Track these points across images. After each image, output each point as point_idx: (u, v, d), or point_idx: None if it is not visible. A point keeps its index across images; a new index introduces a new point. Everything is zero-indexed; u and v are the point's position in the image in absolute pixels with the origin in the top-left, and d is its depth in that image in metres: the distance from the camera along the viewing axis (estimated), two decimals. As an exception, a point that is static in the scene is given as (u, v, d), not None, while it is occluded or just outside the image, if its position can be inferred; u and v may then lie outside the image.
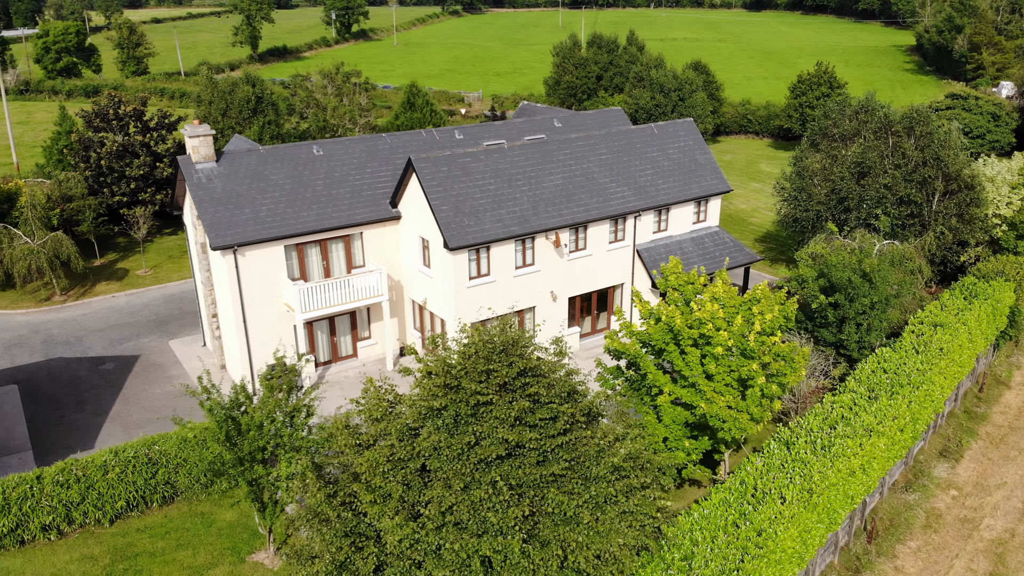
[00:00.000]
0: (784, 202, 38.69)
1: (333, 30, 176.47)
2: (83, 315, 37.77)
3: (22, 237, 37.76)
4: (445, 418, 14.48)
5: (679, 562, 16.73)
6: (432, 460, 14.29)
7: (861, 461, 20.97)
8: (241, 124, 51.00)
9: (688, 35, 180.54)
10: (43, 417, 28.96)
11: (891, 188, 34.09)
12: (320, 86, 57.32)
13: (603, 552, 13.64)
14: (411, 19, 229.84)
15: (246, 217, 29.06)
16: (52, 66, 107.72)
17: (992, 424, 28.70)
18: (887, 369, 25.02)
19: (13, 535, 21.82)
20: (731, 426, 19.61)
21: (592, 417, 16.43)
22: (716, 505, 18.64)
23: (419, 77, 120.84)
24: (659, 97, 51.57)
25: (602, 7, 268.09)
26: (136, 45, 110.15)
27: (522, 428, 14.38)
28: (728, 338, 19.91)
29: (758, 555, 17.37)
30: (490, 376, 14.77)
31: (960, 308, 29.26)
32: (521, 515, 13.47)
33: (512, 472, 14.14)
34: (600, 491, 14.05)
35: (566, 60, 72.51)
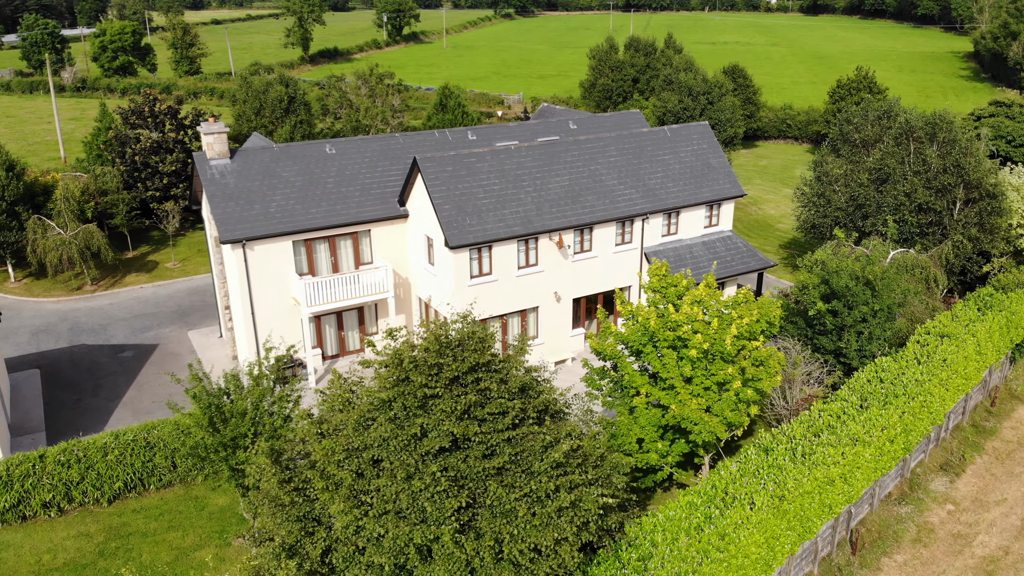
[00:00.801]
0: (803, 208, 38.16)
1: (384, 33, 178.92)
2: (110, 304, 39.21)
3: (55, 228, 39.35)
4: (395, 409, 14.81)
5: (635, 562, 16.78)
6: (380, 450, 14.63)
7: (842, 470, 20.66)
8: (274, 123, 52.25)
9: (740, 39, 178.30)
10: (60, 400, 30.20)
11: (910, 195, 33.37)
12: (354, 87, 58.33)
13: (540, 545, 13.79)
14: (462, 22, 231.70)
15: (256, 212, 29.88)
16: (108, 64, 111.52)
17: (1001, 439, 27.89)
18: (883, 379, 24.56)
19: (15, 510, 22.87)
20: (701, 429, 19.53)
21: (551, 415, 16.58)
22: (682, 507, 18.61)
23: (464, 79, 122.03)
24: (687, 100, 51.21)
25: (656, 10, 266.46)
26: (189, 45, 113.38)
27: (469, 422, 14.62)
28: (703, 341, 19.83)
29: (718, 559, 17.31)
30: (441, 370, 15.05)
31: (971, 319, 28.52)
32: (457, 506, 13.72)
33: (457, 464, 14.40)
34: (540, 486, 14.21)
35: (602, 63, 72.41)
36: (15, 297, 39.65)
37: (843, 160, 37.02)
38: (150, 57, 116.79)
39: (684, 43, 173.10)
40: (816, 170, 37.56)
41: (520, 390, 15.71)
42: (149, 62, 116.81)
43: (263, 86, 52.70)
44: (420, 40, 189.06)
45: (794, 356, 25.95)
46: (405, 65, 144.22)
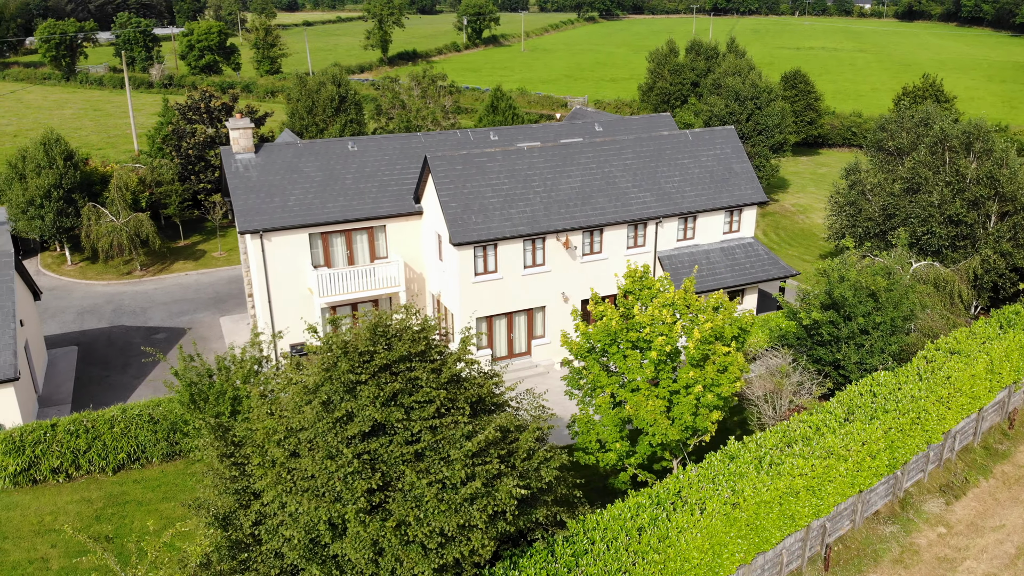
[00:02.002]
0: (834, 216, 37.18)
1: (464, 36, 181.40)
2: (154, 289, 41.41)
3: (108, 216, 41.82)
4: (325, 394, 15.43)
5: (568, 557, 16.96)
6: (309, 432, 15.29)
7: (808, 482, 20.22)
8: (325, 122, 54.01)
9: (827, 44, 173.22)
10: (91, 376, 32.18)
11: (939, 206, 32.15)
12: (406, 88, 59.66)
13: (445, 529, 14.17)
14: (544, 25, 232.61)
15: (275, 205, 31.15)
16: (195, 63, 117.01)
17: (1013, 463, 26.63)
18: (877, 393, 23.85)
19: (26, 474, 24.61)
20: (655, 430, 19.48)
21: (489, 408, 16.91)
22: (630, 508, 18.63)
23: (534, 82, 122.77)
24: (733, 105, 50.37)
25: (743, 14, 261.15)
26: (271, 46, 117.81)
27: (394, 408, 15.11)
28: (665, 343, 19.78)
29: (654, 561, 17.29)
30: (373, 357, 15.59)
31: (989, 337, 27.34)
32: (367, 487, 14.23)
33: (375, 448, 14.92)
34: (453, 473, 14.58)
35: (661, 66, 71.73)
36: (69, 279, 42.34)
37: (876, 168, 35.89)
38: (235, 56, 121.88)
39: (767, 48, 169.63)
40: (848, 178, 36.52)
41: (452, 381, 16.09)
42: (234, 61, 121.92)
43: (316, 85, 54.52)
44: (500, 43, 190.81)
45: (781, 365, 25.43)
46: (480, 68, 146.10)
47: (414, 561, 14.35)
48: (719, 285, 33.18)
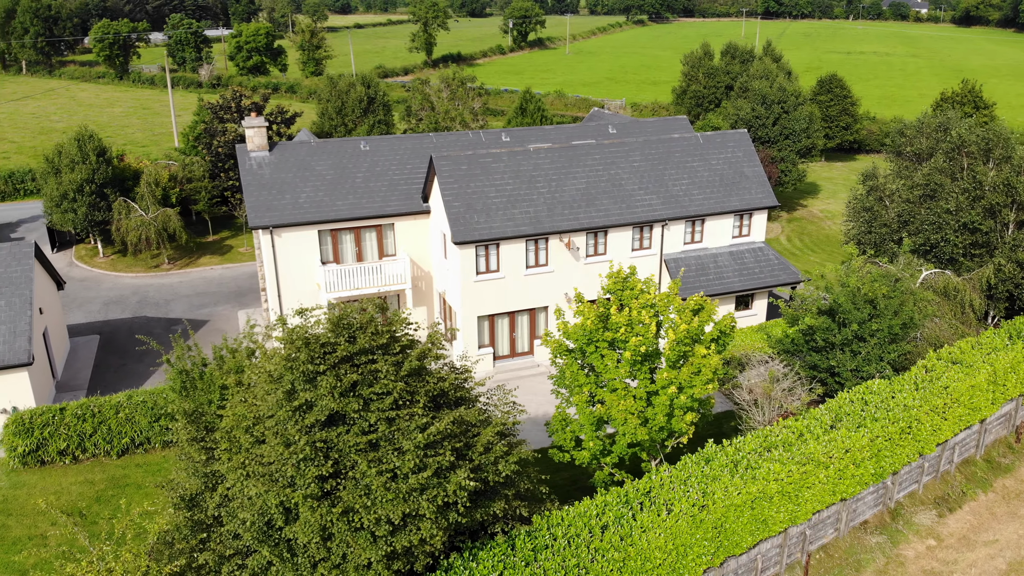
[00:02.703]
0: (850, 222, 36.62)
1: (509, 38, 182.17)
2: (179, 282, 42.70)
3: (137, 210, 43.26)
4: (284, 384, 15.90)
5: (527, 551, 17.18)
6: (270, 421, 15.79)
7: (784, 487, 20.07)
8: (354, 122, 54.97)
9: (879, 49, 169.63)
10: (109, 364, 33.39)
11: (954, 213, 31.47)
12: (436, 90, 60.35)
13: (392, 517, 14.51)
14: (592, 28, 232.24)
15: (286, 202, 31.94)
16: (243, 64, 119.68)
17: (1015, 478, 25.94)
18: (868, 401, 23.51)
19: (35, 455, 25.71)
20: (625, 430, 19.55)
21: (452, 402, 17.20)
22: (597, 505, 18.74)
23: (575, 84, 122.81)
24: (759, 109, 49.84)
25: (795, 18, 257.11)
26: (316, 48, 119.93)
27: (351, 399, 15.51)
28: (640, 344, 19.84)
29: (613, 559, 17.40)
30: (335, 349, 16.02)
31: (995, 348, 26.70)
32: (317, 473, 14.66)
33: (331, 437, 15.34)
34: (403, 463, 14.92)
35: (695, 69, 71.31)
36: (99, 271, 43.89)
37: (894, 174, 35.26)
38: (282, 58, 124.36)
39: (816, 52, 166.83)
40: (866, 183, 35.94)
41: (413, 374, 16.44)
42: (281, 62, 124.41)
43: (346, 87, 55.53)
44: (545, 46, 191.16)
45: (770, 370, 25.20)
46: (523, 70, 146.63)
47: (362, 548, 14.73)
48: (726, 289, 32.98)
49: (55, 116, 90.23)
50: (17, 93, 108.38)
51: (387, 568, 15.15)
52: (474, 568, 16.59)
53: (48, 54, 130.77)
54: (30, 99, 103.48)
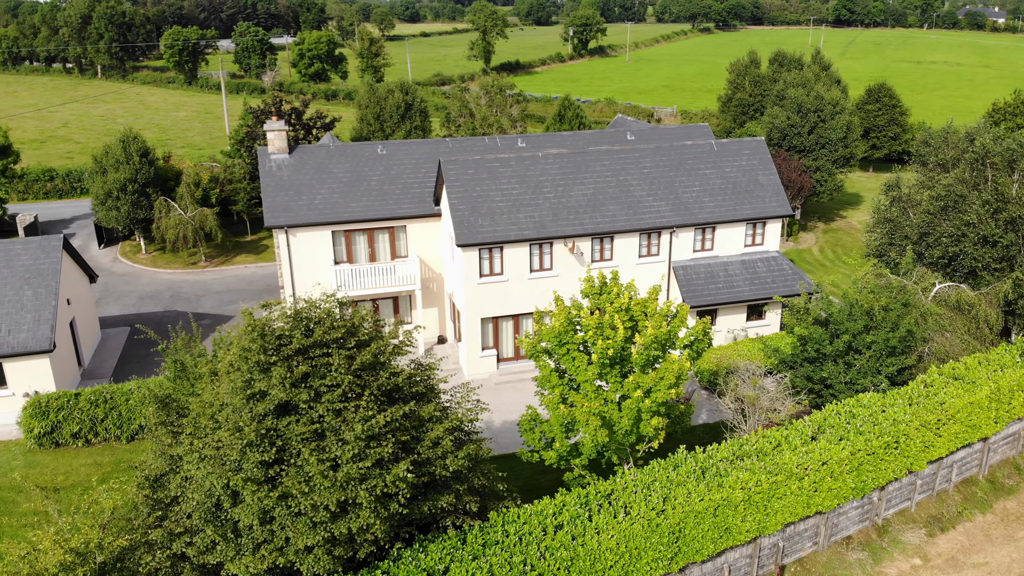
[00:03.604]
0: (872, 232, 35.81)
1: (569, 46, 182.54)
2: (212, 279, 44.38)
3: (177, 209, 45.14)
4: (244, 373, 16.63)
5: (477, 545, 17.52)
6: (227, 409, 16.54)
7: (751, 496, 19.89)
8: (392, 128, 56.16)
9: (950, 59, 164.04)
10: (135, 354, 34.98)
11: (974, 225, 30.54)
12: (475, 96, 61.18)
13: (328, 504, 15.05)
14: (655, 36, 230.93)
15: (302, 203, 33.00)
16: (305, 71, 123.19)
17: (1018, 500, 25.02)
18: (856, 414, 23.07)
19: (50, 437, 27.20)
20: (587, 431, 19.68)
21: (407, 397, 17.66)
22: (555, 505, 18.94)
23: (628, 92, 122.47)
24: (795, 117, 49.01)
25: (868, 26, 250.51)
26: (375, 55, 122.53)
27: (302, 390, 16.13)
28: (607, 347, 19.97)
29: (562, 558, 17.58)
30: (291, 341, 16.68)
31: (1003, 364, 25.84)
32: (259, 459, 15.30)
33: (284, 426, 15.99)
34: (344, 453, 15.45)
35: (740, 77, 70.45)
36: (139, 266, 45.94)
37: (919, 185, 34.36)
38: (342, 65, 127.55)
39: (885, 60, 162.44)
40: (888, 193, 35.11)
41: (367, 368, 16.96)
42: (341, 70, 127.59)
43: (385, 93, 56.79)
44: (607, 54, 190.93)
45: (750, 379, 24.90)
46: (580, 78, 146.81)
47: (300, 532, 15.30)
48: (736, 298, 32.65)
49: (121, 119, 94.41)
50: (89, 96, 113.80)
51: (328, 553, 15.69)
52: (422, 559, 17.03)
53: (122, 59, 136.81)
54: (101, 102, 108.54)
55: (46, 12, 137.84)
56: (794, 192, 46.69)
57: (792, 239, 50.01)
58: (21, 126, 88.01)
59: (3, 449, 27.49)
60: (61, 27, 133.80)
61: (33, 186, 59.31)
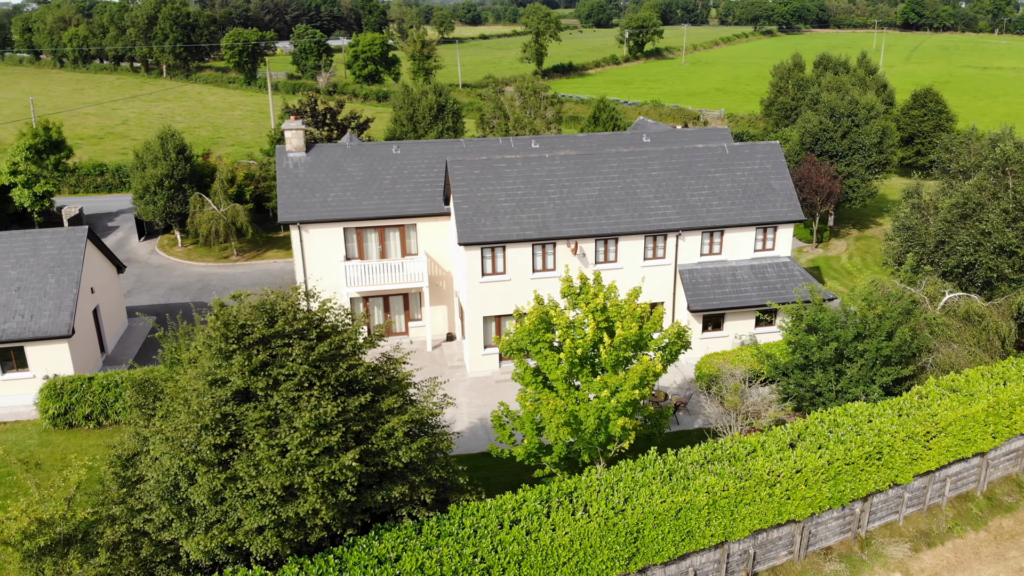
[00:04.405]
0: (891, 240, 35.01)
1: (625, 49, 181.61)
2: (242, 273, 45.77)
3: (210, 204, 46.70)
4: (212, 359, 17.34)
5: (431, 536, 17.91)
6: (192, 394, 17.28)
7: (716, 500, 19.77)
8: (424, 129, 56.97)
9: (1018, 64, 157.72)
10: (156, 344, 36.37)
11: (989, 234, 29.64)
12: (509, 98, 61.59)
13: (274, 488, 15.60)
14: (715, 38, 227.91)
15: (315, 200, 33.89)
16: (359, 72, 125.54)
17: (1015, 519, 24.21)
18: (840, 422, 22.70)
19: (63, 418, 28.56)
20: (550, 428, 19.85)
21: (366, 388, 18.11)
22: (516, 500, 19.17)
23: (679, 95, 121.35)
24: (827, 122, 48.03)
25: (936, 30, 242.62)
26: (426, 58, 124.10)
27: (260, 378, 16.74)
28: (575, 347, 20.11)
29: (512, 552, 17.81)
30: (253, 331, 17.32)
31: (1007, 378, 25.05)
32: (212, 442, 15.96)
33: (241, 413, 16.63)
34: (292, 439, 16.00)
35: (783, 80, 69.32)
36: (175, 259, 47.66)
37: (940, 192, 33.46)
38: (395, 67, 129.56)
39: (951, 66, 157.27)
40: (907, 200, 34.27)
41: (327, 359, 17.49)
42: (394, 71, 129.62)
43: (419, 95, 57.63)
44: (663, 56, 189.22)
45: (732, 384, 24.64)
46: (633, 80, 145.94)
47: (249, 513, 15.91)
48: (743, 303, 32.30)
49: (179, 117, 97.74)
50: (153, 95, 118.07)
51: (277, 536, 16.27)
52: (376, 546, 17.50)
53: (186, 59, 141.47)
54: (162, 101, 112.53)
55: (114, 12, 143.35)
56: (823, 198, 45.80)
57: (822, 246, 49.04)
58: (83, 122, 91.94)
59: (21, 428, 28.98)
60: (128, 27, 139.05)
61: (84, 180, 62.02)
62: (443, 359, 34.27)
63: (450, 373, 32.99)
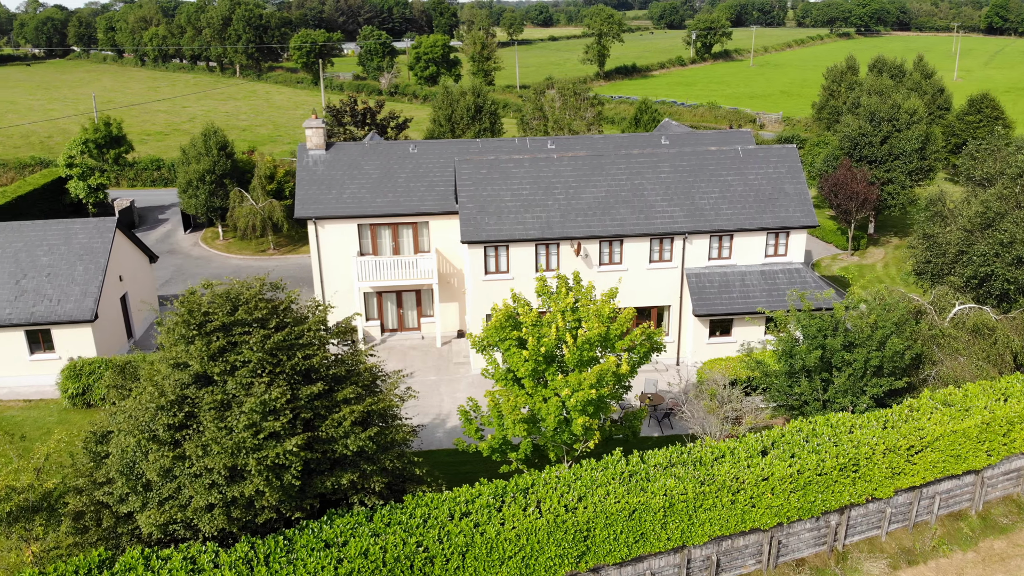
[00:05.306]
0: (913, 248, 33.95)
1: (692, 50, 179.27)
2: (275, 266, 47.27)
3: (249, 200, 48.38)
4: (177, 344, 18.23)
5: (382, 523, 18.40)
6: (159, 376, 18.21)
7: (672, 503, 19.68)
8: (462, 129, 57.67)
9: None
10: (183, 330, 37.94)
11: (1007, 245, 28.52)
12: (549, 100, 61.80)
13: (218, 468, 16.33)
14: (788, 40, 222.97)
15: (331, 197, 34.87)
16: (421, 73, 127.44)
17: (1009, 540, 23.26)
18: (819, 432, 22.26)
19: (82, 398, 30.18)
20: (506, 425, 20.07)
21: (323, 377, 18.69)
22: (471, 493, 19.48)
23: (742, 97, 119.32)
24: (866, 126, 46.68)
25: (1022, 35, 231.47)
26: (486, 59, 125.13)
27: (218, 363, 17.53)
28: (539, 345, 20.31)
29: (457, 544, 18.14)
30: (214, 318, 18.12)
31: (1008, 395, 24.11)
32: (167, 422, 16.80)
33: (192, 394, 17.46)
34: (238, 423, 16.70)
35: (836, 83, 67.59)
36: (214, 252, 49.55)
37: (963, 200, 32.29)
38: (456, 68, 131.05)
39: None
40: (929, 208, 33.16)
41: (284, 348, 18.17)
42: (455, 73, 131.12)
43: (458, 95, 58.37)
44: (731, 58, 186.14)
45: (709, 389, 24.32)
46: (696, 82, 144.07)
47: (196, 491, 16.69)
48: (750, 309, 31.79)
49: (243, 115, 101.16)
50: (223, 94, 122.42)
51: (225, 514, 17.01)
52: (326, 529, 18.10)
53: (257, 59, 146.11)
54: (231, 99, 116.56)
55: (191, 13, 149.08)
56: (858, 204, 44.60)
57: (858, 253, 47.69)
58: (152, 119, 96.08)
59: (43, 406, 30.74)
60: (204, 28, 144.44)
61: (142, 174, 64.93)
62: (450, 355, 34.80)
63: (455, 370, 33.49)
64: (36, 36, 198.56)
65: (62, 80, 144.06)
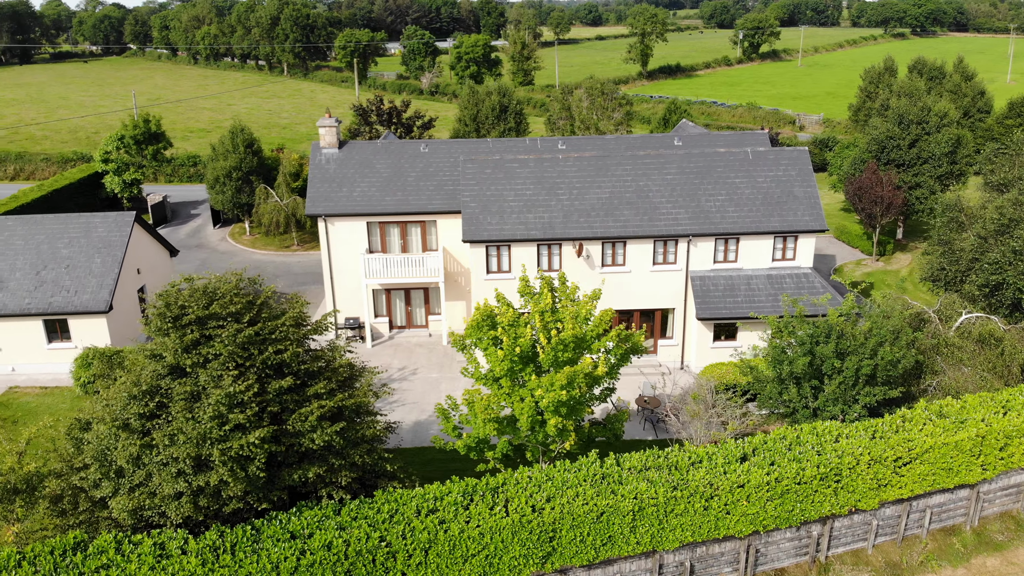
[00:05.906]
0: (927, 255, 33.12)
1: (739, 50, 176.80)
2: (297, 261, 48.12)
3: (274, 196, 49.32)
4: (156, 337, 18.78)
5: (349, 517, 18.70)
6: (139, 368, 18.79)
7: (644, 506, 19.57)
8: (487, 128, 57.90)
9: None
10: (200, 323, 38.90)
11: (1020, 253, 27.65)
12: (576, 99, 61.65)
13: (182, 457, 16.80)
14: (839, 41, 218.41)
15: (342, 195, 35.38)
16: (462, 73, 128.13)
17: (1004, 558, 22.56)
18: (803, 440, 21.89)
19: (92, 386, 31.13)
20: (476, 424, 20.17)
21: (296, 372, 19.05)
22: (440, 491, 19.64)
23: (785, 98, 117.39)
24: (894, 129, 45.55)
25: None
26: (526, 59, 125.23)
27: (191, 355, 18.01)
28: (513, 345, 20.36)
29: (419, 540, 18.32)
30: (189, 312, 18.60)
31: (1008, 407, 23.39)
32: (139, 411, 17.34)
33: (172, 386, 17.97)
34: (204, 414, 17.14)
35: (873, 84, 66.09)
36: (240, 247, 50.64)
37: (979, 205, 31.38)
38: (497, 68, 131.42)
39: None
40: (945, 214, 32.29)
41: (256, 342, 18.57)
42: (496, 72, 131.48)
43: (484, 95, 58.62)
44: (779, 58, 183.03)
45: (692, 394, 24.03)
46: (740, 82, 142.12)
47: (163, 479, 17.18)
48: (756, 313, 31.33)
49: (285, 113, 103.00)
50: (269, 92, 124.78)
51: (192, 503, 17.48)
52: (293, 521, 18.46)
53: (304, 59, 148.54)
54: (276, 97, 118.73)
55: (241, 12, 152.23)
56: (883, 209, 43.58)
57: (883, 259, 46.55)
58: (197, 116, 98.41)
59: (58, 393, 31.84)
60: (253, 27, 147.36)
61: (179, 170, 66.63)
62: (454, 353, 35.04)
63: (457, 367, 33.70)
64: (94, 33, 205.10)
65: (116, 77, 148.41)
